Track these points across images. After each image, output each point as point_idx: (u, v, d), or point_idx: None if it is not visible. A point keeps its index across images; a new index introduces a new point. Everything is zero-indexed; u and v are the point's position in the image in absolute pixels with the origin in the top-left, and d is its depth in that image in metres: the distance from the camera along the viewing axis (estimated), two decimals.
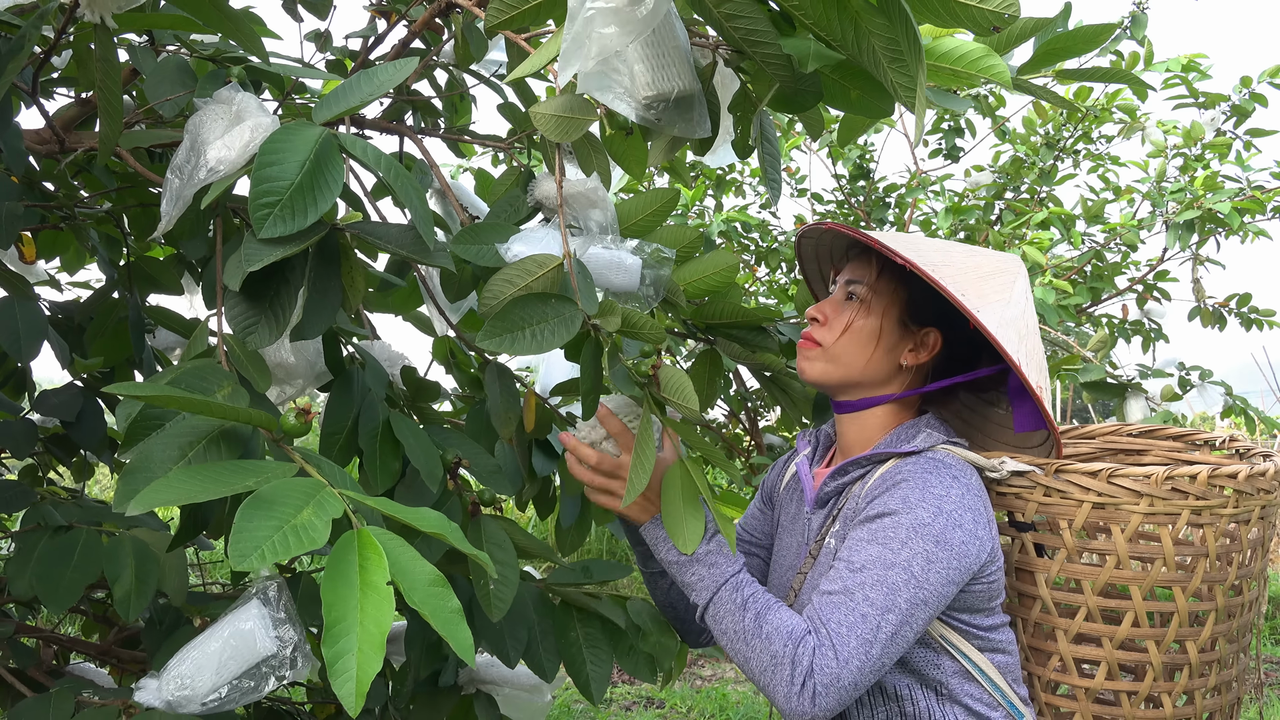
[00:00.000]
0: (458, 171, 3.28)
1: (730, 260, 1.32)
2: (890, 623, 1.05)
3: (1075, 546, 1.19)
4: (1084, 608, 1.20)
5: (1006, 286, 1.16)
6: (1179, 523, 1.16)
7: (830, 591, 1.08)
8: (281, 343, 1.24)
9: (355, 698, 0.65)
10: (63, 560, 1.24)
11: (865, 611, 1.05)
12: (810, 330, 1.25)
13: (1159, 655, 1.19)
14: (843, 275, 1.27)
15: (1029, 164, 3.54)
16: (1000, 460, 1.20)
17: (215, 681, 0.96)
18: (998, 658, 1.17)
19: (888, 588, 1.06)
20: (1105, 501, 1.16)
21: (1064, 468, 1.18)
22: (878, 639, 1.04)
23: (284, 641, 0.99)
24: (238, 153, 0.95)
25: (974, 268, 1.16)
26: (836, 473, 1.22)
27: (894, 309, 1.23)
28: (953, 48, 0.99)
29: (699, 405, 1.04)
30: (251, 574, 1.14)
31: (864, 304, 1.23)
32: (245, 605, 1.01)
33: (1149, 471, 1.14)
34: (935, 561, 1.07)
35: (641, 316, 1.04)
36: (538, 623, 1.34)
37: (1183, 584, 1.18)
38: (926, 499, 1.09)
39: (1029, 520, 1.22)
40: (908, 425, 1.23)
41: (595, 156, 1.18)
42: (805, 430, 1.43)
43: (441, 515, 0.80)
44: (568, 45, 0.88)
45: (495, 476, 1.30)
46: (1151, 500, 1.15)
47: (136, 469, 0.82)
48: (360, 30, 1.66)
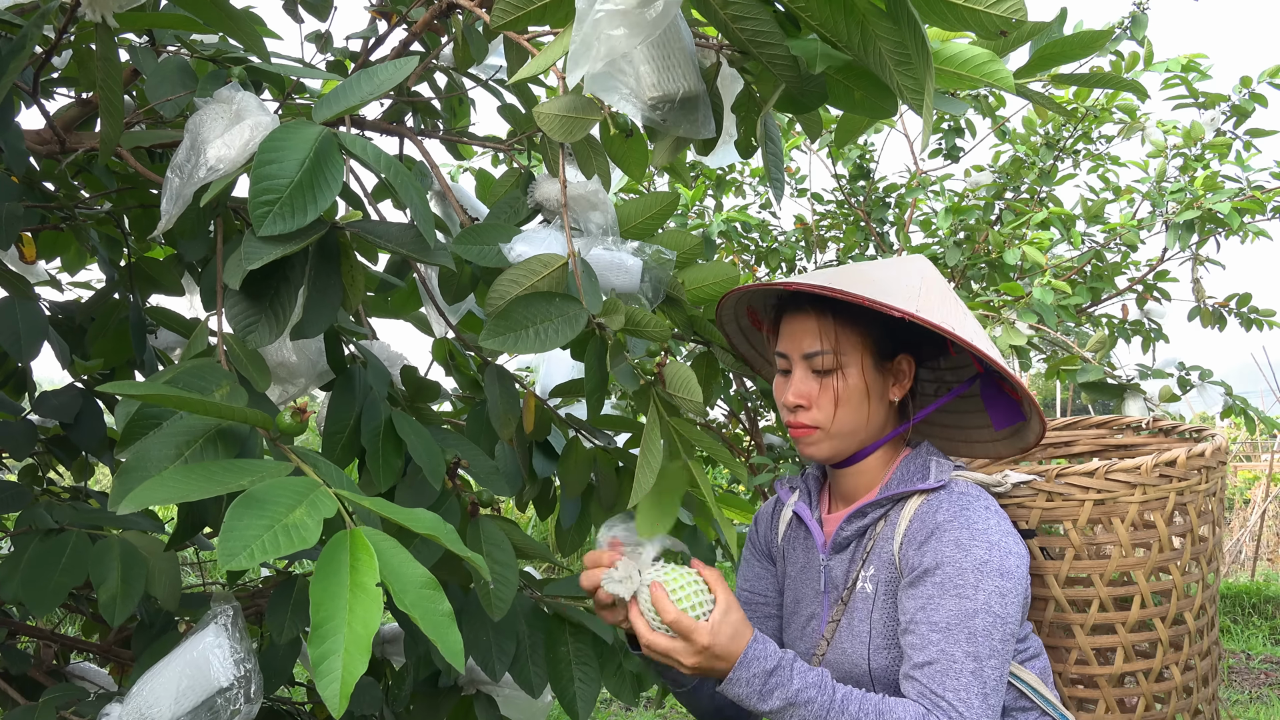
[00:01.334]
0: (457, 172, 3.28)
1: (731, 271, 1.32)
2: (994, 668, 1.07)
3: (1082, 544, 1.23)
4: (1096, 599, 1.24)
5: (941, 292, 1.20)
6: (1168, 505, 1.23)
7: (929, 662, 1.08)
8: (283, 342, 1.23)
9: (339, 699, 0.65)
10: (50, 563, 1.23)
11: (972, 668, 1.06)
12: (798, 418, 1.20)
13: (1165, 630, 1.25)
14: (789, 345, 1.21)
15: (1029, 164, 3.53)
16: (1003, 474, 1.23)
17: (174, 711, 0.96)
18: (1034, 664, 1.18)
19: (981, 636, 1.07)
20: (1105, 497, 1.21)
21: (1063, 471, 1.23)
22: (991, 688, 1.07)
23: (238, 673, 0.99)
24: (238, 151, 0.95)
25: (905, 282, 1.18)
26: (855, 515, 1.20)
27: (865, 357, 1.19)
28: (957, 52, 0.99)
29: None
30: (251, 573, 1.14)
31: (839, 371, 1.18)
32: (202, 631, 1.01)
33: (1139, 463, 1.21)
34: (1008, 594, 1.09)
35: (646, 314, 1.04)
36: (528, 635, 1.32)
37: (1176, 560, 1.25)
38: (976, 536, 1.10)
39: (1032, 527, 1.25)
40: (910, 458, 1.23)
41: (595, 158, 1.18)
42: (782, 478, 1.41)
43: (437, 516, 0.80)
44: (576, 46, 0.88)
45: (494, 477, 1.30)
46: (1144, 489, 1.21)
47: (132, 468, 0.82)
48: (361, 31, 1.66)
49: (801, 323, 1.20)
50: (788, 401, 1.20)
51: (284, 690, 1.91)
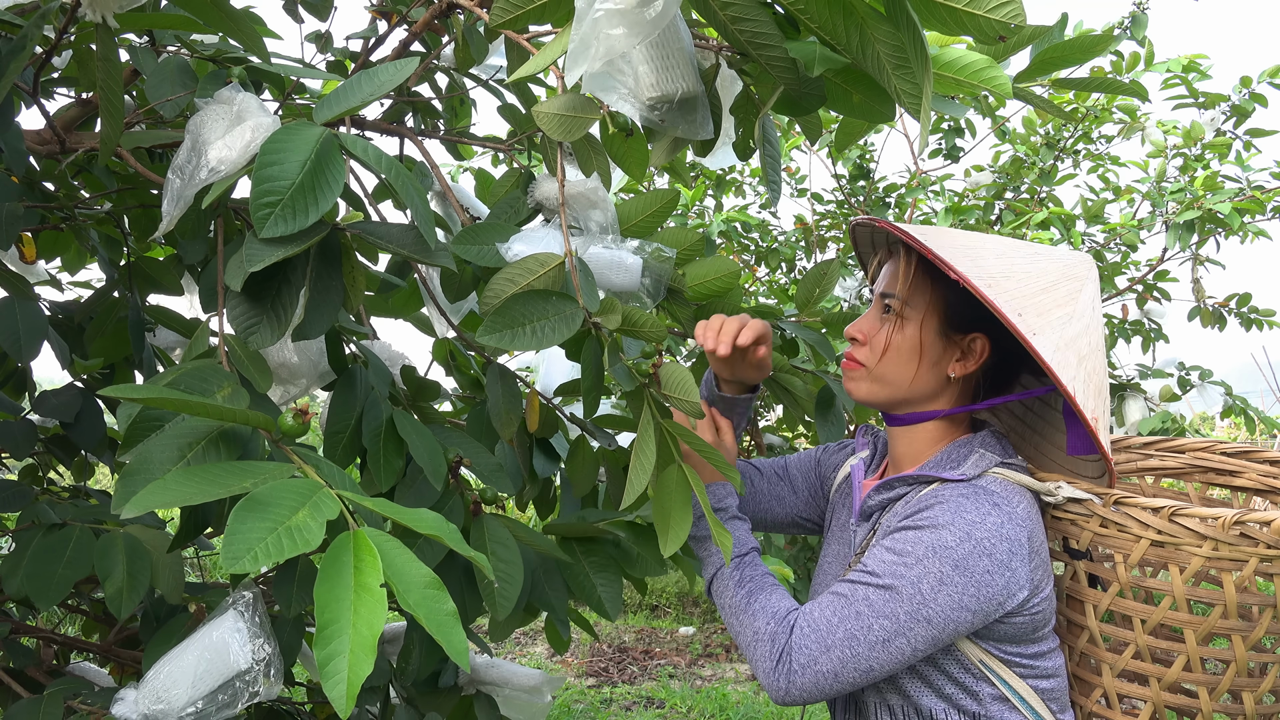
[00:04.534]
0: (457, 172, 3.28)
1: (733, 267, 1.32)
2: (882, 628, 1.04)
3: (1129, 582, 1.12)
4: (1133, 645, 1.13)
5: (1071, 297, 1.09)
6: (1246, 570, 1.06)
7: (835, 590, 1.10)
8: (284, 342, 1.24)
9: (346, 699, 0.65)
10: (54, 557, 1.23)
11: (860, 610, 1.06)
12: (851, 350, 1.21)
13: (1210, 703, 1.11)
14: (878, 283, 1.22)
15: (1029, 164, 3.54)
16: (1056, 485, 1.13)
17: (191, 695, 0.96)
18: (1042, 684, 1.13)
19: (890, 596, 1.05)
20: (1165, 540, 1.07)
21: (1124, 500, 1.10)
22: (865, 639, 1.05)
23: (257, 656, 0.99)
24: (239, 153, 0.95)
25: (1037, 276, 1.09)
26: (882, 487, 1.19)
27: (933, 319, 1.16)
28: (956, 57, 0.98)
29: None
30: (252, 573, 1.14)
31: (899, 318, 1.17)
32: (221, 616, 1.01)
33: (1217, 514, 1.04)
34: (948, 584, 1.03)
35: (642, 314, 1.03)
36: (540, 564, 1.33)
37: (1243, 633, 1.09)
38: (956, 522, 1.05)
39: (1083, 549, 1.15)
40: (960, 443, 1.18)
41: (595, 158, 1.18)
42: (867, 427, 1.40)
43: (439, 516, 0.80)
44: (575, 46, 0.88)
45: (496, 474, 1.30)
46: (1216, 544, 1.05)
47: (135, 470, 0.82)
48: (361, 31, 1.66)
49: (893, 264, 1.21)
50: (847, 333, 1.22)
51: (284, 690, 1.91)
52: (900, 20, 0.84)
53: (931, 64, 0.85)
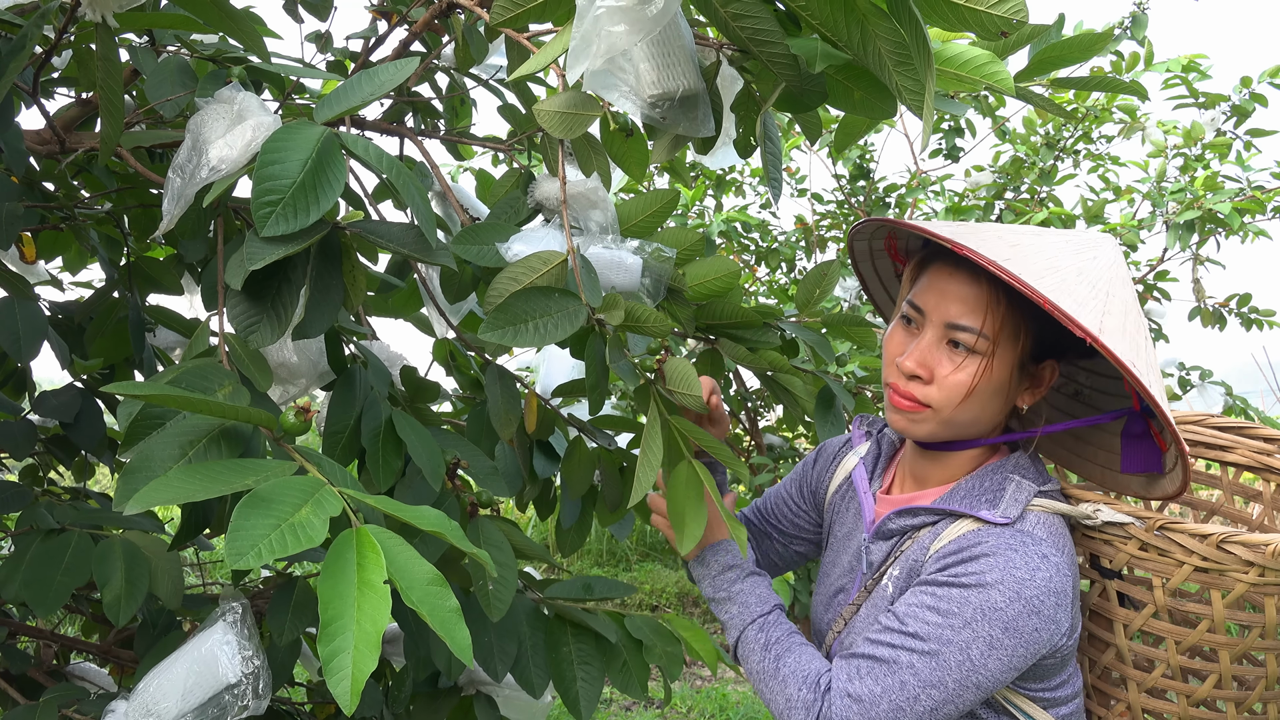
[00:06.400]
0: (457, 172, 3.28)
1: (733, 267, 1.32)
2: (930, 698, 0.98)
3: (1166, 605, 1.07)
4: (1164, 664, 1.09)
5: (1104, 294, 0.99)
6: None
7: (873, 655, 1.01)
8: (284, 342, 1.23)
9: (350, 696, 0.65)
10: (53, 563, 1.23)
11: (905, 679, 0.98)
12: (911, 389, 1.04)
13: (1237, 716, 1.10)
14: (932, 302, 1.04)
15: (1029, 164, 3.54)
16: (1095, 508, 1.07)
17: (181, 708, 0.96)
18: (1062, 710, 1.08)
19: (938, 664, 0.97)
20: (1210, 566, 1.02)
21: (1169, 525, 1.04)
22: (912, 710, 0.98)
23: (246, 669, 0.99)
24: (240, 152, 0.95)
25: (1078, 274, 0.99)
26: (905, 512, 1.10)
27: (1015, 353, 1.03)
28: (958, 53, 0.98)
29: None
30: (252, 574, 1.14)
31: (988, 361, 1.01)
32: (210, 629, 1.01)
33: (1268, 540, 1.00)
34: (998, 648, 0.96)
35: (645, 310, 1.03)
36: (529, 636, 1.32)
37: (1277, 651, 1.06)
38: (1006, 581, 0.96)
39: (1117, 570, 1.10)
40: (993, 468, 1.07)
41: (595, 158, 1.18)
42: (864, 417, 1.29)
43: (441, 513, 0.80)
44: (576, 43, 0.88)
45: (493, 478, 1.30)
46: (1263, 570, 1.01)
47: (136, 468, 0.82)
48: (361, 31, 1.67)
49: (958, 285, 1.01)
50: (905, 367, 1.03)
51: (284, 690, 1.91)
52: (902, 16, 0.84)
53: (934, 59, 0.85)
